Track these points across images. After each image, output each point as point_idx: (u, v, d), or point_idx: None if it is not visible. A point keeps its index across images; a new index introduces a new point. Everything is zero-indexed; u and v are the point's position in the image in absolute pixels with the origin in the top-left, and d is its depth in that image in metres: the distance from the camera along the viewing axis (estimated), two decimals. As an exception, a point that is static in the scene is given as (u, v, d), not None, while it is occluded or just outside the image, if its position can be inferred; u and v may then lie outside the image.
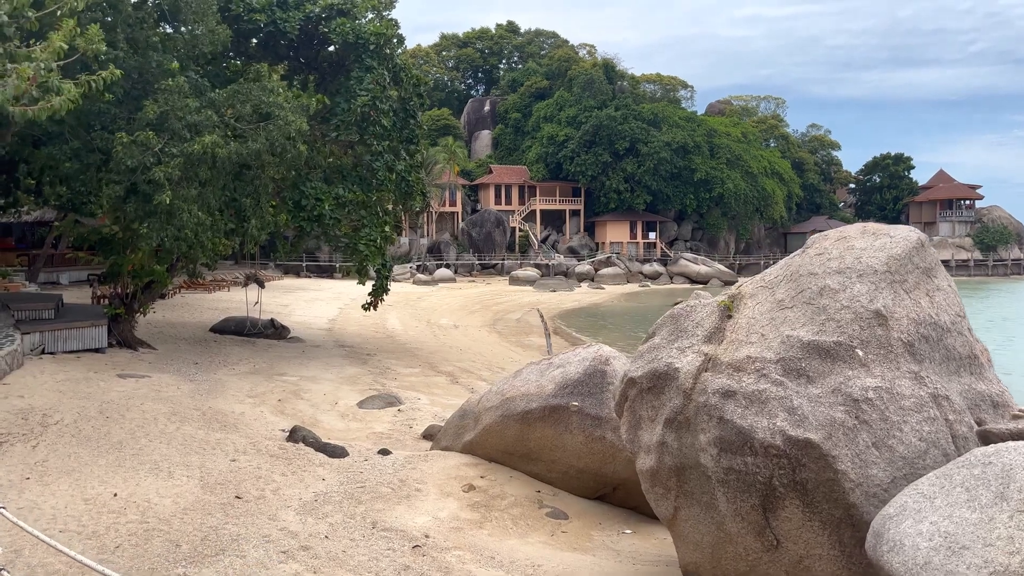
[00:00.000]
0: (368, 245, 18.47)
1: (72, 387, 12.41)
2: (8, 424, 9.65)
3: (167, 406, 11.58)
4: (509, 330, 33.11)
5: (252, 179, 15.46)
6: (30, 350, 14.77)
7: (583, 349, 8.93)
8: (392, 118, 19.32)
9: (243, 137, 14.94)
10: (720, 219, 74.74)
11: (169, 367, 15.62)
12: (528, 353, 25.68)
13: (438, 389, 16.39)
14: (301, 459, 9.13)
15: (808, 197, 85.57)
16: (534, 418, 8.65)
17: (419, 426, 12.46)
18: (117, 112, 14.77)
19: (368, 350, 22.01)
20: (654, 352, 5.83)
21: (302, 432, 10.30)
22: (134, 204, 13.98)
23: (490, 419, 9.23)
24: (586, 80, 73.77)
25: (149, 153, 13.51)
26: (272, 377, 15.86)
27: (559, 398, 8.42)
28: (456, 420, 10.14)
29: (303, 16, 18.55)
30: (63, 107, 9.06)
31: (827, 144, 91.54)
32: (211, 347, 19.16)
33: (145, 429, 9.97)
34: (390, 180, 19.09)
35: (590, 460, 8.26)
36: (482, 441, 9.39)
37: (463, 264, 66.72)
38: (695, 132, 73.30)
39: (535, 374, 9.10)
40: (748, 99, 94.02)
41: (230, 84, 15.88)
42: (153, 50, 14.56)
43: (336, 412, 13.17)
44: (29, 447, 8.70)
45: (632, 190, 71.17)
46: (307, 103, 15.77)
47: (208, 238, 14.53)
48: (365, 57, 18.49)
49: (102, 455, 8.62)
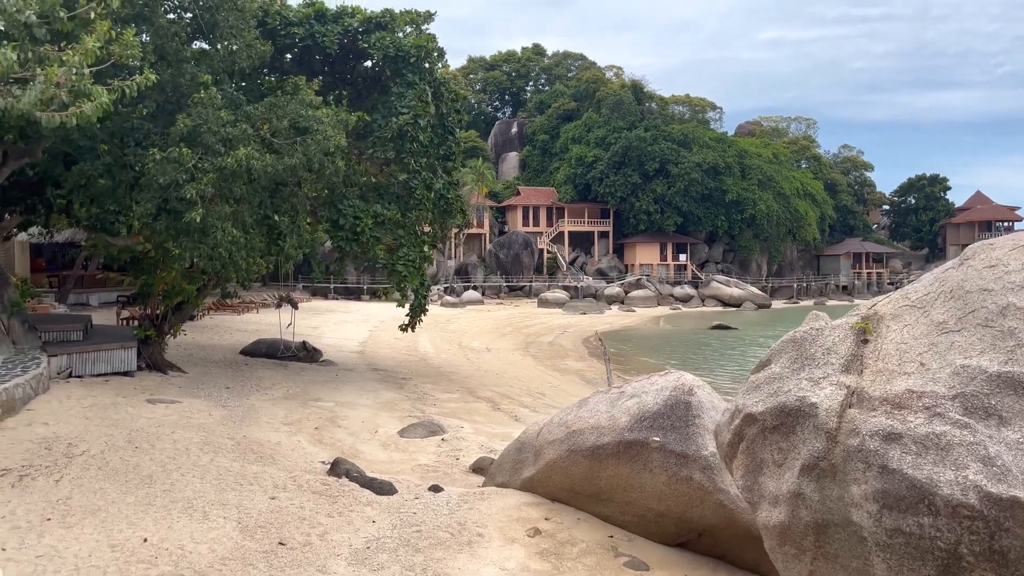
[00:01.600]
0: (407, 265, 17.75)
1: (99, 413, 11.73)
2: (31, 455, 8.94)
3: (199, 435, 10.83)
4: (543, 353, 32.20)
5: (288, 196, 14.82)
6: (57, 373, 14.16)
7: (659, 377, 8.03)
8: (430, 135, 18.68)
9: (279, 152, 14.33)
10: (752, 241, 73.42)
11: (200, 392, 14.93)
12: (566, 377, 24.76)
13: (480, 416, 15.51)
14: (346, 497, 8.29)
15: (841, 218, 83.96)
16: (606, 454, 7.75)
17: (466, 457, 11.59)
18: (151, 127, 14.23)
19: (403, 374, 21.22)
20: (776, 383, 4.94)
21: (345, 465, 9.48)
22: (165, 222, 13.37)
23: (553, 454, 8.34)
24: (615, 101, 73.22)
25: (182, 169, 12.90)
26: (307, 403, 15.09)
27: (636, 432, 7.52)
28: (513, 454, 9.26)
29: (341, 30, 18.04)
30: (95, 113, 8.42)
31: (860, 165, 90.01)
32: (243, 370, 18.49)
33: (177, 461, 9.21)
34: (428, 198, 18.39)
35: (673, 503, 7.33)
36: (544, 478, 8.50)
37: (491, 286, 65.95)
38: (726, 153, 72.30)
39: (604, 404, 8.21)
40: (778, 120, 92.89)
41: (264, 99, 15.31)
42: (186, 63, 14.04)
43: (377, 441, 12.34)
44: (52, 481, 7.96)
45: (662, 211, 70.18)
46: (347, 118, 15.13)
47: (242, 257, 13.86)
48: (406, 72, 17.90)
49: (131, 491, 7.84)
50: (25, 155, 15.99)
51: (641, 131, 70.57)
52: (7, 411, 10.71)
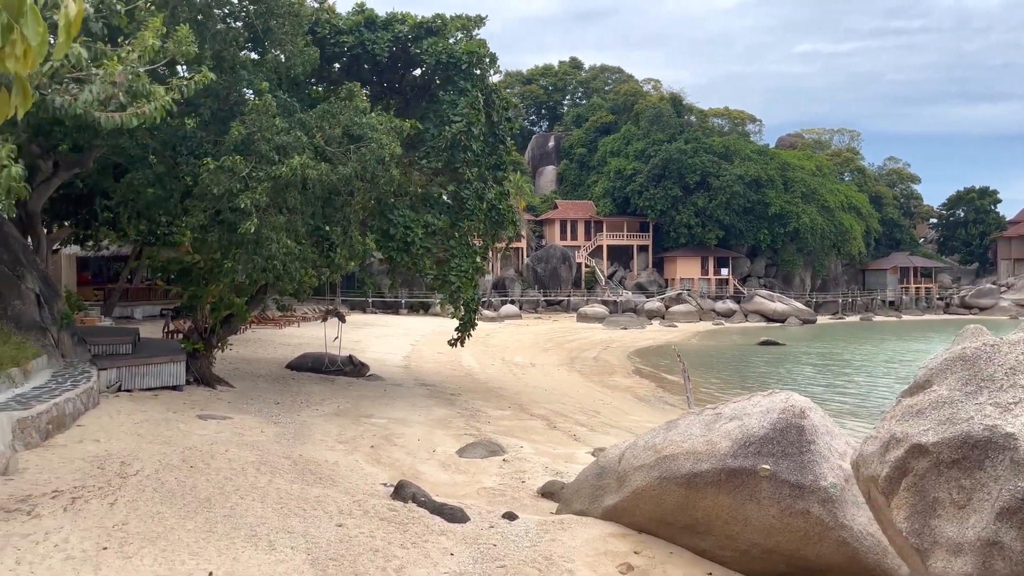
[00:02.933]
0: (459, 276, 17.20)
1: (151, 429, 11.30)
2: (83, 475, 8.48)
3: (254, 453, 10.32)
4: (588, 369, 31.41)
5: (341, 206, 14.37)
6: (106, 387, 13.83)
7: (762, 397, 7.30)
8: (482, 144, 18.17)
9: (332, 161, 13.90)
10: (795, 255, 71.83)
11: (250, 407, 14.49)
12: (616, 394, 23.97)
13: (537, 435, 14.83)
14: (417, 525, 7.67)
15: (887, 232, 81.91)
16: (705, 482, 7.03)
17: (531, 480, 10.92)
18: (203, 136, 13.90)
19: (451, 389, 20.63)
20: (948, 409, 4.20)
21: (410, 489, 8.87)
22: (218, 233, 12.98)
23: (641, 481, 7.63)
24: (654, 114, 72.46)
25: (236, 179, 12.51)
26: (359, 419, 14.57)
27: (740, 459, 6.79)
28: (591, 479, 8.56)
29: (392, 37, 17.66)
30: (157, 114, 7.99)
31: (906, 177, 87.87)
32: (290, 385, 18.06)
33: (234, 482, 8.68)
34: (480, 209, 17.85)
35: (785, 538, 6.58)
36: (630, 507, 7.79)
37: (528, 300, 65.29)
38: (768, 165, 71.02)
39: (699, 427, 7.49)
40: (820, 132, 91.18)
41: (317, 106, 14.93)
42: (244, 68, 13.71)
43: (436, 461, 11.72)
44: (106, 504, 7.46)
45: (703, 225, 69.03)
46: (401, 125, 14.67)
47: (296, 268, 13.41)
48: (458, 79, 17.44)
49: (190, 516, 7.31)
50: (76, 165, 15.82)
51: (681, 143, 69.67)
52: (58, 427, 10.32)
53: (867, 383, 28.89)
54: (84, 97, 7.31)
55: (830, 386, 28.29)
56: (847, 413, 21.46)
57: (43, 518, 6.95)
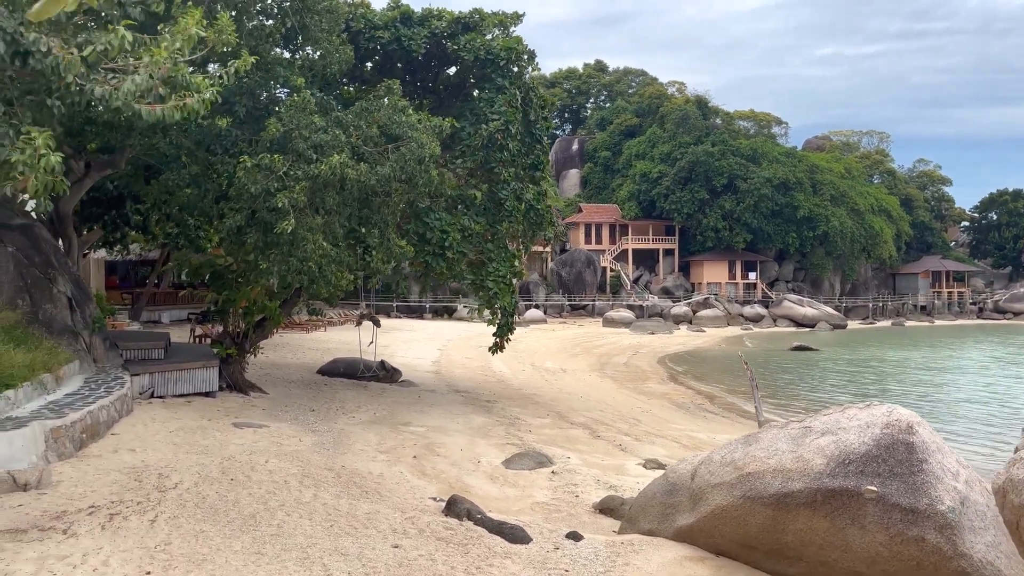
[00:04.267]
0: (497, 281, 16.64)
1: (187, 438, 10.85)
2: (120, 488, 8.01)
3: (295, 465, 9.82)
4: (621, 375, 30.73)
5: (379, 207, 13.88)
6: (139, 393, 13.42)
7: (859, 410, 6.66)
8: (518, 143, 17.63)
9: (369, 160, 13.41)
10: (824, 259, 70.59)
11: (285, 414, 14.03)
12: (653, 402, 23.30)
13: (582, 445, 14.23)
14: (477, 546, 7.11)
15: (918, 235, 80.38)
16: (796, 504, 6.41)
17: (585, 494, 10.34)
18: (239, 134, 13.48)
19: (486, 396, 20.09)
20: None
21: (464, 505, 8.31)
22: (254, 234, 12.53)
23: (721, 500, 7.02)
24: (680, 116, 71.63)
25: (273, 178, 12.06)
26: (397, 427, 14.05)
27: (840, 479, 6.16)
28: (660, 497, 7.96)
29: (428, 32, 17.18)
30: (201, 107, 7.51)
31: (937, 180, 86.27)
32: (323, 391, 17.61)
33: (278, 497, 8.17)
34: (519, 210, 17.30)
35: (893, 568, 5.94)
36: (708, 528, 7.18)
37: (552, 305, 64.62)
38: (796, 168, 69.93)
39: (785, 442, 6.87)
40: (849, 134, 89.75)
41: (355, 103, 14.47)
42: (280, 65, 13.28)
43: (483, 473, 11.17)
44: (147, 522, 6.98)
45: (731, 228, 68.03)
46: (441, 124, 14.16)
47: (332, 271, 12.93)
48: (495, 76, 16.92)
49: (235, 535, 6.80)
50: (108, 166, 15.46)
51: (708, 146, 68.78)
52: (92, 436, 9.88)
53: (930, 391, 27.82)
54: (127, 87, 6.83)
55: (885, 392, 27.41)
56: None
57: (80, 537, 6.48)
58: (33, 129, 6.27)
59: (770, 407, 23.20)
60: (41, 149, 6.09)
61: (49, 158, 6.14)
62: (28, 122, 6.81)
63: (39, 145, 6.13)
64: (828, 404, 23.95)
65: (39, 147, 6.11)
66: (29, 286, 13.04)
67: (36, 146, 6.24)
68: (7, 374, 9.87)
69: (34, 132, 6.31)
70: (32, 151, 6.24)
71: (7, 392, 9.43)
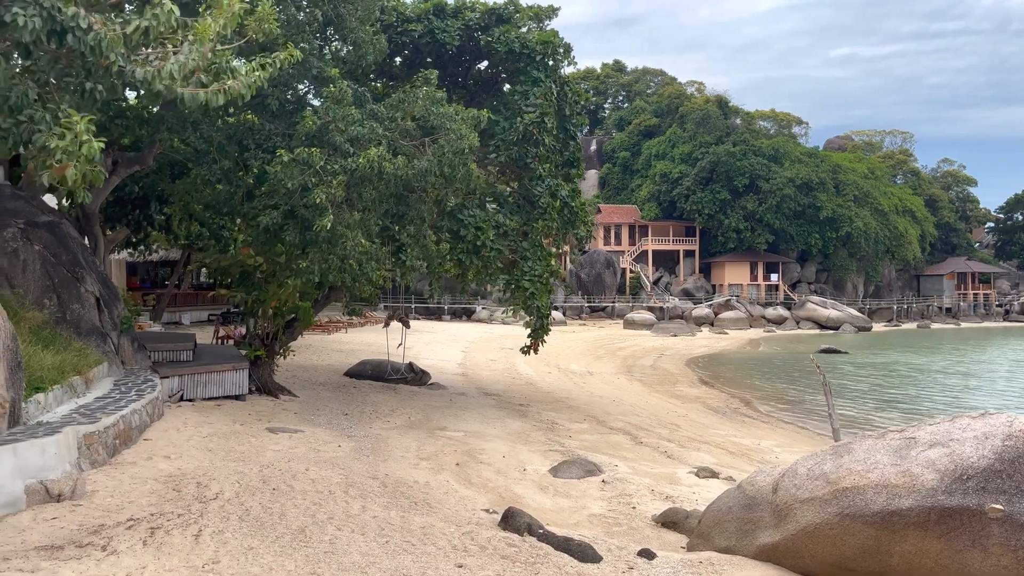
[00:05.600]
0: (533, 280, 16.09)
1: (221, 444, 10.37)
2: (159, 498, 7.52)
3: (337, 473, 9.31)
4: (649, 378, 30.08)
5: (415, 203, 13.37)
6: (168, 396, 12.97)
7: (972, 419, 6.06)
8: (553, 138, 17.08)
9: (405, 154, 12.90)
10: (847, 260, 69.53)
11: (318, 419, 13.54)
12: (687, 406, 22.66)
13: (626, 452, 13.64)
14: (547, 565, 6.55)
15: (943, 236, 79.09)
16: (905, 523, 5.82)
17: (642, 506, 9.76)
18: (272, 128, 13.01)
19: (518, 400, 19.54)
20: None
21: (523, 518, 7.76)
22: (292, 232, 12.04)
23: (813, 517, 6.43)
24: (701, 116, 70.81)
25: (310, 172, 11.57)
26: (434, 432, 13.53)
27: (958, 496, 5.56)
28: (737, 511, 7.37)
29: (462, 25, 16.66)
30: (248, 91, 7.02)
31: (962, 180, 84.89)
32: (353, 394, 17.12)
33: (325, 508, 7.65)
34: (553, 207, 16.74)
35: (1023, 597, 5.33)
36: (797, 548, 6.58)
37: (572, 306, 63.97)
38: (819, 168, 68.94)
39: (885, 455, 6.27)
40: (871, 134, 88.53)
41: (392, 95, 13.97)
42: (314, 56, 12.80)
43: (531, 482, 10.61)
44: (190, 537, 6.47)
45: (752, 229, 67.13)
46: (479, 116, 13.64)
47: (371, 268, 12.43)
48: (531, 69, 16.38)
49: (286, 552, 6.29)
50: (136, 163, 15.09)
51: (729, 146, 67.94)
52: (124, 442, 9.41)
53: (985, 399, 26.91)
54: (170, 67, 6.35)
55: (921, 397, 26.63)
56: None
57: (121, 555, 5.97)
58: (73, 113, 5.79)
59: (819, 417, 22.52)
60: (82, 135, 5.62)
61: (91, 145, 5.67)
62: (66, 107, 6.35)
63: (80, 131, 5.65)
64: (886, 410, 23.22)
65: (80, 132, 5.63)
66: (56, 285, 12.62)
67: (77, 131, 5.77)
68: (36, 377, 9.42)
69: (75, 116, 5.84)
70: (73, 137, 5.77)
71: (37, 396, 8.98)
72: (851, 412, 21.95)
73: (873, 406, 24.07)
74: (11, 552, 5.91)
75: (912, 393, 27.81)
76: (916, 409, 23.54)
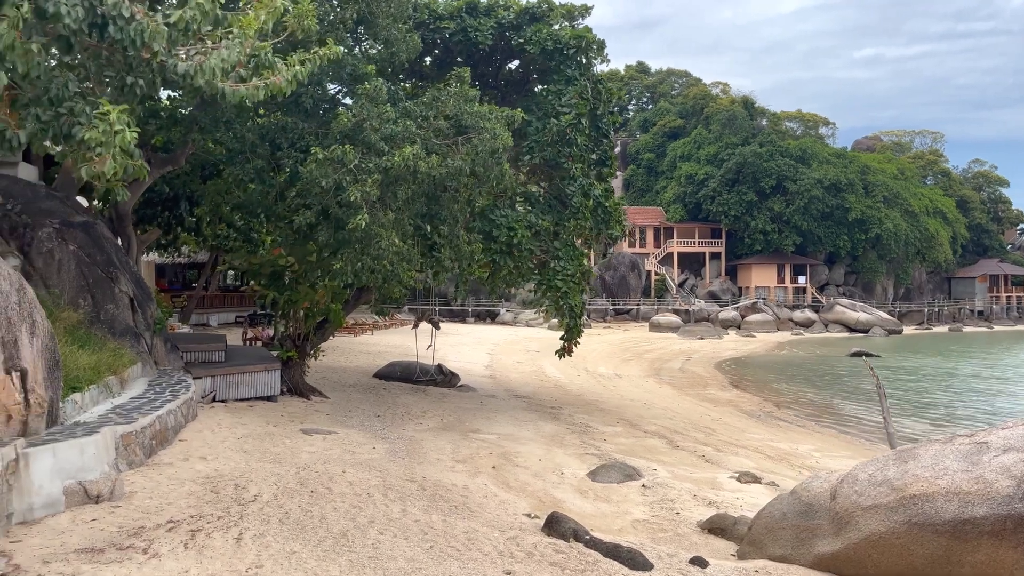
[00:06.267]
0: (566, 280, 15.86)
1: (256, 445, 10.26)
2: (197, 500, 7.39)
3: (374, 475, 9.15)
4: (678, 381, 29.69)
5: (448, 202, 13.20)
6: (201, 397, 12.91)
7: (1050, 424, 5.74)
8: (586, 137, 16.84)
9: (439, 153, 12.74)
10: (876, 262, 68.42)
11: (351, 420, 13.41)
12: (720, 409, 22.28)
13: (664, 456, 13.36)
14: (595, 572, 6.32)
15: (974, 238, 77.62)
16: (979, 532, 5.52)
17: (686, 511, 9.49)
18: (305, 127, 12.91)
19: (548, 402, 19.32)
20: None
21: (568, 524, 7.53)
22: (325, 231, 11.92)
23: (877, 525, 6.14)
24: (727, 116, 70.14)
25: (345, 170, 11.44)
26: (467, 435, 13.34)
27: (1040, 504, 5.25)
28: (792, 518, 7.08)
29: (495, 23, 16.49)
30: (288, 86, 6.88)
31: (994, 180, 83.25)
32: (383, 396, 17.00)
33: (365, 512, 7.48)
34: (586, 207, 16.51)
35: (1114, 613, 5.01)
36: (860, 557, 6.30)
37: (596, 309, 63.56)
38: (847, 169, 67.96)
39: (955, 460, 5.97)
40: (900, 134, 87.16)
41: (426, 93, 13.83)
42: (348, 54, 12.69)
43: (569, 486, 10.38)
44: (231, 540, 6.32)
45: (780, 231, 66.29)
46: (514, 115, 13.44)
47: (404, 269, 12.28)
48: (564, 67, 16.16)
49: (330, 557, 6.11)
50: (168, 163, 15.07)
51: (756, 146, 67.20)
52: (161, 442, 9.32)
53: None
54: (213, 62, 6.21)
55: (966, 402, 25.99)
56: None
57: (163, 558, 5.83)
58: (105, 103, 5.66)
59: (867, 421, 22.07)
60: (116, 124, 5.49)
61: (125, 134, 5.53)
62: (107, 100, 6.24)
63: (112, 120, 5.52)
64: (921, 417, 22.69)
65: (112, 122, 5.50)
66: (91, 285, 12.60)
67: (110, 121, 5.64)
68: (72, 376, 9.36)
69: (107, 106, 5.71)
70: (106, 126, 5.64)
71: (74, 395, 8.91)
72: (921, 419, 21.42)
73: (913, 412, 23.50)
74: (51, 555, 5.79)
75: (948, 399, 27.17)
76: (954, 415, 22.97)
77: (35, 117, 5.58)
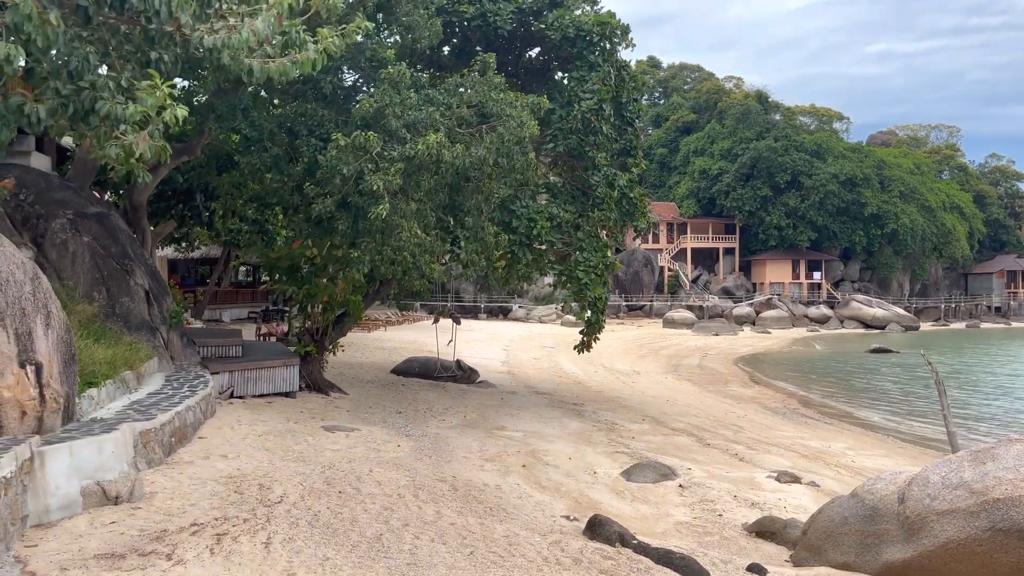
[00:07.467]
0: (588, 271, 15.41)
1: (278, 443, 9.87)
2: (221, 501, 7.00)
3: (403, 475, 8.75)
4: (698, 378, 29.21)
5: (472, 193, 12.76)
6: (219, 393, 12.53)
7: None
8: (610, 126, 16.37)
9: (463, 142, 12.31)
10: (892, 258, 67.62)
11: (372, 417, 13.02)
12: (743, 406, 21.80)
13: (696, 455, 12.91)
14: (650, 581, 5.89)
15: (991, 234, 76.65)
16: (1076, 540, 5.04)
17: (729, 513, 9.05)
18: (325, 114, 12.50)
19: (570, 399, 18.89)
20: None
21: (613, 527, 7.10)
22: (345, 221, 11.50)
23: (955, 531, 5.69)
24: (741, 111, 69.43)
25: (366, 158, 11.02)
26: (492, 432, 12.94)
27: None
28: (857, 523, 6.63)
29: (515, 8, 16.03)
30: (319, 59, 6.47)
31: (1011, 175, 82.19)
32: (402, 392, 16.61)
33: (398, 514, 7.08)
34: (611, 197, 16.04)
35: None
36: (935, 565, 5.85)
37: (609, 305, 62.93)
38: (863, 163, 67.16)
39: (1043, 461, 5.50)
40: (916, 129, 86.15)
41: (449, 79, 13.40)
42: (369, 39, 12.27)
43: (604, 487, 9.95)
44: (260, 544, 5.92)
45: (794, 226, 65.59)
46: (539, 102, 12.99)
47: (425, 261, 11.86)
48: (587, 53, 15.70)
49: (365, 564, 5.70)
50: (185, 153, 14.69)
51: (771, 141, 66.50)
52: (180, 439, 8.95)
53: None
54: (242, 36, 5.79)
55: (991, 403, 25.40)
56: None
57: (188, 564, 5.44)
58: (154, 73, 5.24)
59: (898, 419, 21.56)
60: (163, 99, 5.08)
61: (175, 109, 5.12)
62: (130, 76, 5.83)
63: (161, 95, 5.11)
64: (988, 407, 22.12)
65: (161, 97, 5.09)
66: (106, 278, 12.24)
67: (158, 95, 5.22)
68: (89, 371, 8.98)
69: (157, 78, 5.29)
70: (155, 100, 5.22)
71: (91, 391, 8.54)
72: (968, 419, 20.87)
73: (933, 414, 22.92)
74: (69, 561, 5.41)
75: (969, 397, 26.58)
76: (980, 415, 22.40)
77: (54, 91, 5.18)
